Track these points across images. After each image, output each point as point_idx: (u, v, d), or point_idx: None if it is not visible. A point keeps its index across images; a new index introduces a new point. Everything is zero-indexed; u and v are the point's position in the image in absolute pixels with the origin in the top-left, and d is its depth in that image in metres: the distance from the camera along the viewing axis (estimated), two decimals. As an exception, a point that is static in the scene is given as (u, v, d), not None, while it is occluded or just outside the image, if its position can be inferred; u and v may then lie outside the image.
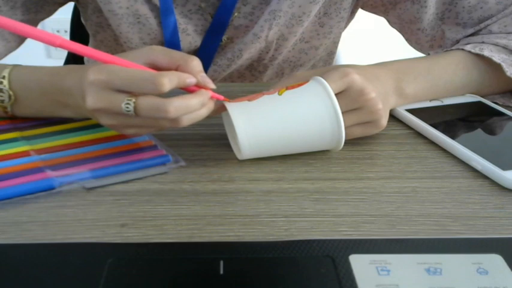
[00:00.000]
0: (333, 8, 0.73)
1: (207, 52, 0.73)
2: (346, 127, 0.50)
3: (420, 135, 0.58)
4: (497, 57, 0.62)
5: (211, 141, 0.56)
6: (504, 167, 0.49)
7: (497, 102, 0.64)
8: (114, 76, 0.45)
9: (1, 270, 0.37)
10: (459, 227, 0.43)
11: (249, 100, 0.50)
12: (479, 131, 0.59)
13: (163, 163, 0.51)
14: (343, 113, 0.49)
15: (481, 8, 0.67)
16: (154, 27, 0.69)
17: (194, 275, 0.37)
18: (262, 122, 0.49)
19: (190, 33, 0.71)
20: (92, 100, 0.46)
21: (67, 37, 0.89)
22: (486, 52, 0.62)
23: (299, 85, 0.51)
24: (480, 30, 0.68)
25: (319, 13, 0.72)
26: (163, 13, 0.67)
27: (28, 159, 0.50)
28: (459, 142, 0.54)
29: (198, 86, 0.47)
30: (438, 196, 0.47)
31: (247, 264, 0.38)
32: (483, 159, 0.50)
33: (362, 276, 0.37)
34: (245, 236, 0.41)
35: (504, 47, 0.64)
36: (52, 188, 0.46)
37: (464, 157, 0.52)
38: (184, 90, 0.48)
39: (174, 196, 0.47)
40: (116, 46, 0.75)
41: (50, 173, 0.47)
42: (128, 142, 0.54)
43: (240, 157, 0.51)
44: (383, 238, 0.41)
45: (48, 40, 0.42)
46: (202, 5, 0.69)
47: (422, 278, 0.37)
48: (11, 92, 0.53)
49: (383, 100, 0.53)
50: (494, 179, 0.49)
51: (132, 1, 0.66)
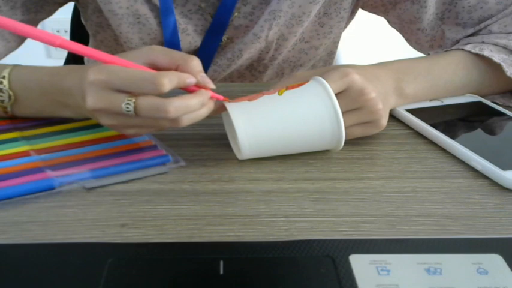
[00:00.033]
0: (333, 8, 0.73)
1: (207, 52, 0.73)
2: (346, 127, 0.50)
3: (420, 135, 0.58)
4: (497, 57, 0.62)
5: (211, 141, 0.56)
6: (504, 167, 0.49)
7: (497, 102, 0.64)
8: (114, 76, 0.45)
9: (1, 270, 0.37)
10: (459, 227, 0.43)
11: (249, 100, 0.50)
12: (479, 131, 0.59)
13: (163, 163, 0.51)
14: (343, 113, 0.49)
15: (481, 8, 0.67)
16: (154, 27, 0.69)
17: (194, 275, 0.37)
18: (262, 122, 0.49)
19: (190, 33, 0.71)
20: (92, 100, 0.46)
21: (67, 37, 0.89)
22: (486, 52, 0.62)
23: (299, 85, 0.51)
24: (480, 30, 0.68)
25: (319, 13, 0.72)
26: (163, 13, 0.67)
27: (28, 159, 0.50)
28: (459, 142, 0.54)
29: (198, 86, 0.47)
30: (438, 196, 0.47)
31: (247, 264, 0.38)
32: (483, 159, 0.50)
33: (362, 276, 0.37)
34: (245, 236, 0.41)
35: (504, 47, 0.64)
36: (52, 188, 0.46)
37: (464, 157, 0.52)
38: (184, 90, 0.48)
39: (174, 196, 0.47)
40: (116, 46, 0.75)
41: (50, 173, 0.47)
42: (128, 142, 0.54)
43: (240, 157, 0.51)
44: (383, 238, 0.41)
45: (48, 40, 0.42)
46: (202, 5, 0.69)
47: (422, 278, 0.37)
48: (11, 92, 0.54)
49: (383, 100, 0.53)
50: (494, 179, 0.49)
51: (132, 1, 0.66)
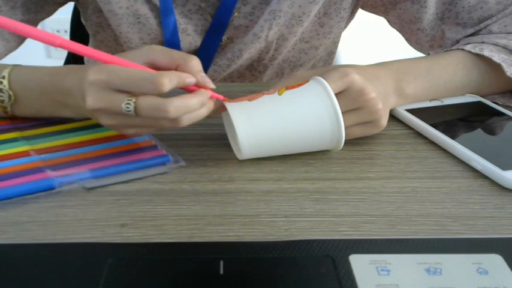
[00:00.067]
0: (333, 8, 0.73)
1: (207, 52, 0.73)
2: (346, 127, 0.50)
3: (420, 135, 0.58)
4: (497, 57, 0.62)
5: (211, 141, 0.56)
6: (504, 167, 0.49)
7: (497, 102, 0.64)
8: (114, 76, 0.45)
9: (1, 270, 0.37)
10: (459, 227, 0.43)
11: (249, 100, 0.50)
12: (479, 131, 0.59)
13: (163, 163, 0.51)
14: (343, 113, 0.49)
15: (481, 8, 0.67)
16: (154, 27, 0.69)
17: (194, 275, 0.37)
18: (262, 122, 0.49)
19: (190, 33, 0.71)
20: (92, 100, 0.46)
21: (67, 37, 0.89)
22: (486, 52, 0.62)
23: (299, 85, 0.51)
24: (480, 30, 0.68)
25: (319, 13, 0.72)
26: (163, 13, 0.67)
27: (28, 159, 0.50)
28: (459, 142, 0.54)
29: (198, 86, 0.47)
30: (438, 196, 0.47)
31: (247, 264, 0.38)
32: (483, 159, 0.50)
33: (362, 276, 0.37)
34: (245, 236, 0.41)
35: (504, 47, 0.64)
36: (52, 188, 0.46)
37: (464, 157, 0.52)
38: (184, 90, 0.48)
39: (174, 196, 0.46)
40: (116, 46, 0.75)
41: (50, 173, 0.47)
42: (128, 142, 0.54)
43: (240, 157, 0.51)
44: (383, 238, 0.41)
45: (48, 40, 0.42)
46: (202, 5, 0.69)
47: (422, 278, 0.37)
48: (11, 92, 0.53)
49: (383, 100, 0.53)
50: (494, 179, 0.49)
51: (132, 1, 0.66)
